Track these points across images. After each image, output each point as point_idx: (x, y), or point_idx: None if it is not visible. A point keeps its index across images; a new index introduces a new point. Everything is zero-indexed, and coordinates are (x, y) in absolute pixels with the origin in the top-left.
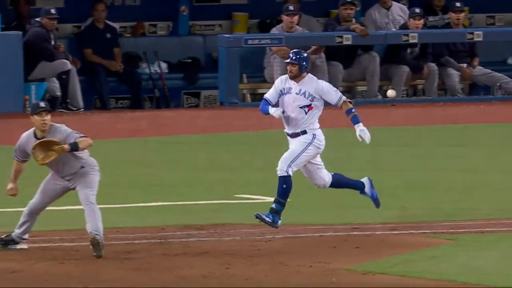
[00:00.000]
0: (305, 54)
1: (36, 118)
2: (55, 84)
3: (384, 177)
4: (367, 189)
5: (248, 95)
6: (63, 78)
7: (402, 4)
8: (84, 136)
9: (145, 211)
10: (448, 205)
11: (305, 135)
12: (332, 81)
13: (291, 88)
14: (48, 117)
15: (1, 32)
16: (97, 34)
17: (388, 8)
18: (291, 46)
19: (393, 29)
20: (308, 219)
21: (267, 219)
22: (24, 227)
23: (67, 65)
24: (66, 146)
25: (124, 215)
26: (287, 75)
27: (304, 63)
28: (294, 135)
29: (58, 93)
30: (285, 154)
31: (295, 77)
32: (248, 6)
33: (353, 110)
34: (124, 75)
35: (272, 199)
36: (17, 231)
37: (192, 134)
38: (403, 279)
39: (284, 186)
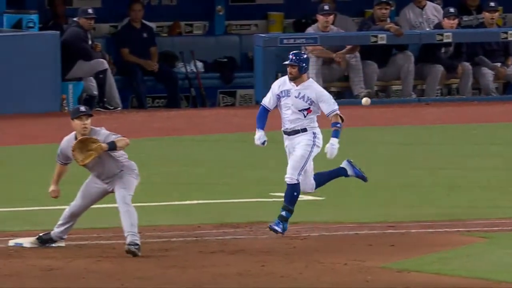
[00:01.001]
0: (305, 56)
1: (76, 122)
2: (92, 83)
3: (419, 175)
4: (350, 171)
5: None
6: (100, 77)
7: (436, 3)
8: (122, 137)
9: (182, 209)
10: (482, 204)
11: (305, 134)
12: (366, 80)
13: (290, 90)
14: (89, 121)
15: (38, 31)
16: (134, 33)
17: (422, 8)
18: (326, 46)
19: (427, 29)
20: (343, 217)
21: (279, 229)
22: (64, 227)
23: (104, 64)
24: (104, 145)
25: (161, 213)
26: (285, 77)
27: (304, 64)
28: (294, 133)
29: (95, 92)
30: (294, 162)
31: (295, 79)
32: (283, 6)
33: (339, 125)
34: (161, 75)
35: (307, 198)
36: (56, 230)
37: (228, 133)
38: (437, 277)
39: (295, 193)
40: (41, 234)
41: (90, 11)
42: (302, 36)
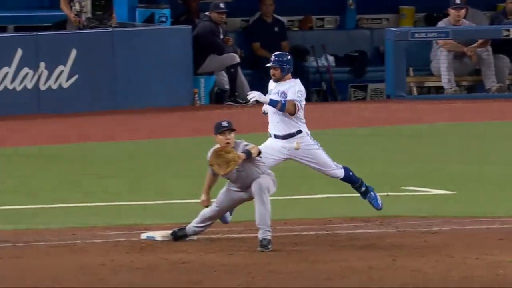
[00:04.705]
0: (288, 57)
1: (220, 137)
2: (224, 78)
3: None
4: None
5: (415, 88)
6: (232, 71)
7: None
8: (253, 145)
9: (312, 203)
10: None
11: (301, 135)
12: (498, 74)
13: (272, 89)
14: (232, 135)
15: (171, 26)
16: (265, 28)
17: None
18: (458, 40)
19: None
20: (474, 211)
21: (378, 204)
22: (202, 226)
23: (236, 58)
24: (242, 154)
25: (292, 207)
26: None
27: (287, 65)
28: (288, 136)
29: (227, 86)
30: (321, 170)
31: (278, 80)
32: (415, 0)
33: (284, 102)
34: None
35: (439, 191)
36: (193, 228)
37: (359, 127)
38: None
39: (351, 174)
40: (175, 229)
41: (221, 5)
42: (433, 30)
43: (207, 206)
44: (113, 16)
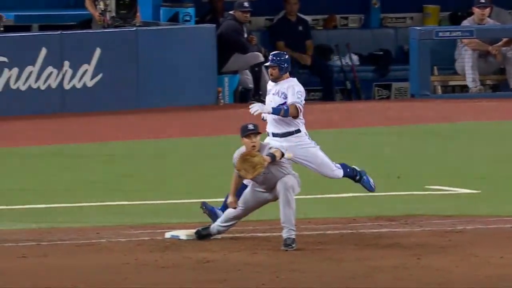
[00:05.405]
0: (286, 56)
1: (246, 140)
2: (248, 77)
3: None
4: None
5: (439, 87)
6: (256, 70)
7: None
8: (276, 148)
9: (337, 201)
10: None
11: (299, 134)
12: None
13: (271, 89)
14: (257, 138)
15: (195, 25)
16: (289, 27)
17: None
18: (482, 39)
19: None
20: (499, 210)
21: (371, 187)
22: (226, 226)
23: (260, 57)
24: (267, 157)
25: (316, 206)
26: None
27: (285, 64)
28: (287, 134)
29: (251, 85)
30: (320, 171)
31: (276, 79)
32: None
33: (286, 107)
34: (316, 68)
35: (463, 191)
36: (217, 226)
37: (383, 126)
38: None
39: (348, 170)
40: (199, 228)
41: (246, 4)
42: (458, 29)
43: (235, 208)
44: (137, 15)
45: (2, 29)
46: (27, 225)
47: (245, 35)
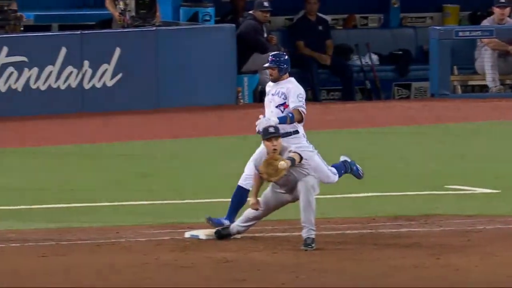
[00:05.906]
0: (286, 57)
1: (267, 143)
2: (267, 76)
3: None
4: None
5: (459, 87)
6: None
7: None
8: (294, 151)
9: (356, 201)
10: None
11: (297, 136)
12: None
13: (270, 90)
14: (278, 141)
15: (215, 24)
16: (309, 26)
17: None
18: (502, 38)
19: None
20: None
21: (360, 175)
22: (246, 226)
23: None
24: (288, 161)
25: (336, 205)
26: None
27: (284, 65)
28: (285, 135)
29: None
30: (319, 176)
31: (276, 80)
32: None
33: (291, 115)
34: (335, 67)
35: (483, 190)
36: (237, 225)
37: (403, 125)
38: None
39: (342, 171)
40: (219, 228)
41: (266, 4)
42: (477, 28)
43: (257, 209)
44: (157, 15)
45: (22, 29)
46: (47, 225)
47: (265, 35)
